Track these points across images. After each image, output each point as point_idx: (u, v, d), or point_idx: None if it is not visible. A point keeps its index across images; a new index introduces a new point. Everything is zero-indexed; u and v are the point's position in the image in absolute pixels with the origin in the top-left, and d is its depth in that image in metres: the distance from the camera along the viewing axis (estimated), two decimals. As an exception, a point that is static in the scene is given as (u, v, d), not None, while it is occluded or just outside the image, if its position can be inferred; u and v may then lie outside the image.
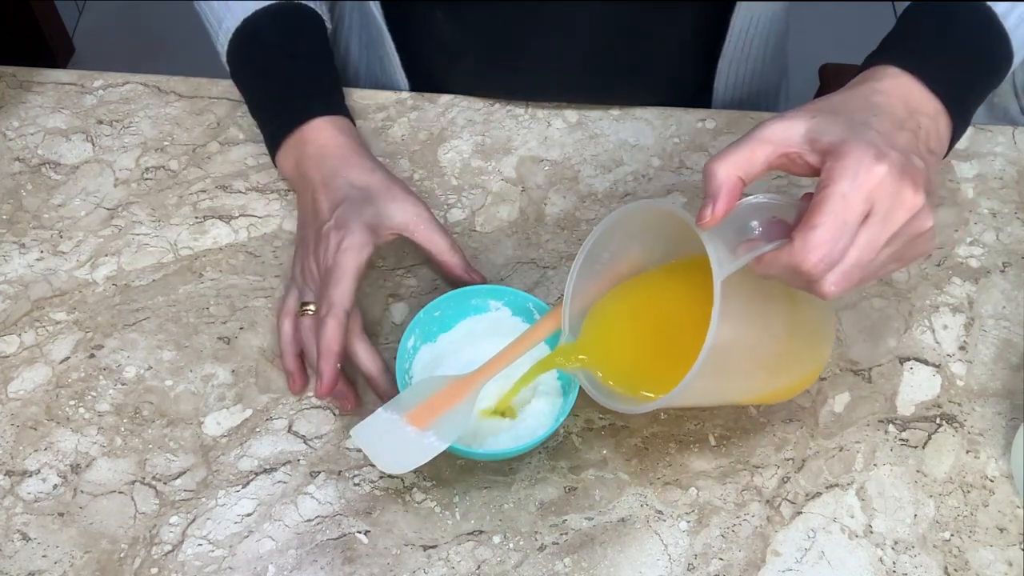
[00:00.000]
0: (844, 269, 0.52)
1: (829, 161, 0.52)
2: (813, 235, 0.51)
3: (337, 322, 0.64)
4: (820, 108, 0.55)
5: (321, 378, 0.64)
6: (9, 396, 0.69)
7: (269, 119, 0.76)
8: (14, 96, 0.84)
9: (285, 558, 0.63)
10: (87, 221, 0.77)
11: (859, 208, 0.51)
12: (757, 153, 0.53)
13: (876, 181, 0.51)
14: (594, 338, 0.62)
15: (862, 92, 0.56)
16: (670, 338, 0.61)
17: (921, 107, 0.57)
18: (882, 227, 0.52)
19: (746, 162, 0.53)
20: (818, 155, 0.53)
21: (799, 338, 0.62)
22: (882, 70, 0.58)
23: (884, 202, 0.51)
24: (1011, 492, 0.66)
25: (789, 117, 0.54)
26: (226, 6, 0.77)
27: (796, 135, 0.53)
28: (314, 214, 0.70)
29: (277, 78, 0.76)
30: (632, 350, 0.62)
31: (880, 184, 0.51)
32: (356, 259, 0.66)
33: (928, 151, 0.56)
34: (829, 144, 0.52)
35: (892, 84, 0.57)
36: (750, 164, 0.53)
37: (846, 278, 0.52)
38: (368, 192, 0.69)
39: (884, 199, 0.51)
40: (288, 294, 0.70)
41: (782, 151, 0.54)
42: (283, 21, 0.77)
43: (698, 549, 0.63)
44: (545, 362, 0.63)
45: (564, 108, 0.85)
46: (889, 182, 0.51)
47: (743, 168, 0.53)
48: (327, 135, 0.72)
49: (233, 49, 0.77)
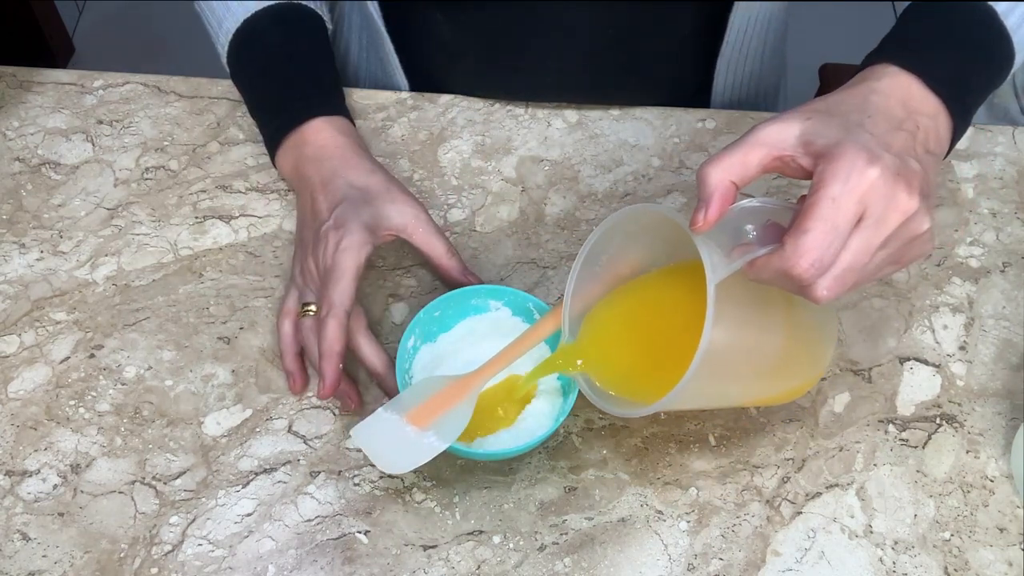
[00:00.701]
0: (836, 274, 0.51)
1: (821, 164, 0.52)
2: (804, 240, 0.50)
3: (337, 322, 0.64)
4: (816, 109, 0.54)
5: (324, 379, 0.64)
6: (9, 396, 0.69)
7: (268, 119, 0.76)
8: (14, 96, 0.84)
9: (285, 558, 0.63)
10: (87, 221, 0.77)
11: (851, 212, 0.50)
12: (750, 156, 0.53)
13: (868, 184, 0.50)
14: (591, 341, 0.62)
15: (860, 92, 0.56)
16: (667, 341, 0.61)
17: (920, 107, 0.56)
18: (875, 230, 0.51)
19: (739, 166, 0.53)
20: (811, 158, 0.53)
21: (798, 341, 0.62)
22: (881, 69, 0.57)
23: (877, 205, 0.51)
24: (1011, 492, 0.66)
25: (784, 119, 0.54)
26: (226, 7, 0.77)
27: (790, 138, 0.53)
28: (313, 214, 0.70)
29: (277, 78, 0.76)
30: (629, 353, 0.62)
31: (872, 187, 0.50)
32: (355, 258, 0.66)
33: (926, 152, 0.55)
34: (822, 147, 0.52)
35: (891, 83, 0.56)
36: (743, 168, 0.53)
37: (838, 283, 0.52)
38: (367, 193, 0.69)
39: (877, 202, 0.51)
40: (288, 294, 0.70)
41: (776, 154, 0.53)
42: (283, 22, 0.77)
43: (698, 549, 0.63)
44: (543, 366, 0.63)
45: (564, 108, 0.85)
46: (882, 185, 0.50)
47: (736, 172, 0.53)
48: (326, 136, 0.72)
49: (233, 50, 0.77)
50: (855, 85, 0.57)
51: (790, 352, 0.61)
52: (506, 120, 0.84)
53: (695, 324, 0.52)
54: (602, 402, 0.60)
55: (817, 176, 0.52)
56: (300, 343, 0.69)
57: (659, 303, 0.63)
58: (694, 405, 0.65)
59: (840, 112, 0.54)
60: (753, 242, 0.54)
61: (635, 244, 0.62)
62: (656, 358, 0.61)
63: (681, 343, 0.55)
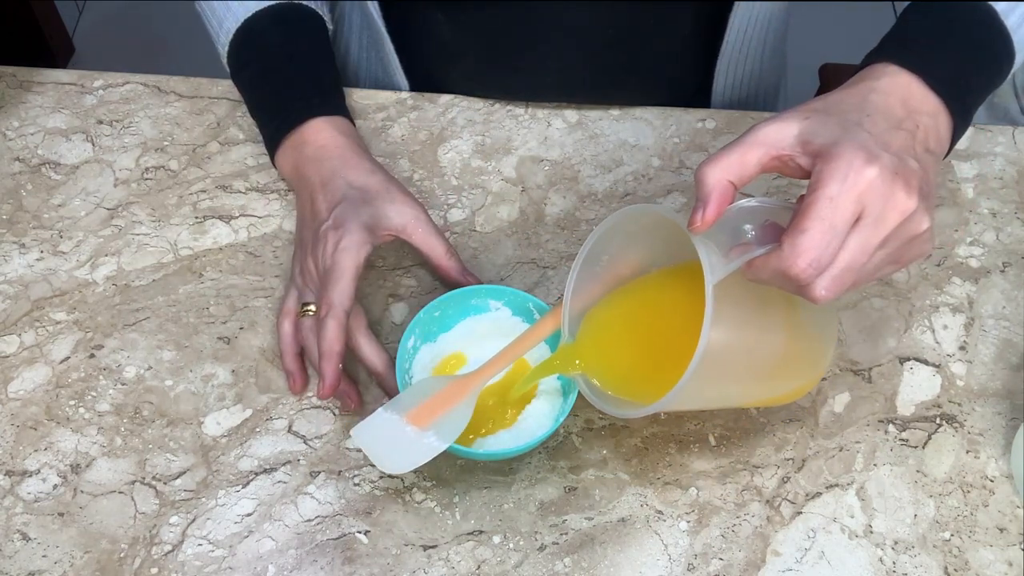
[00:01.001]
0: (834, 273, 0.51)
1: (819, 164, 0.52)
2: (801, 239, 0.50)
3: (337, 322, 0.64)
4: (814, 108, 0.54)
5: (324, 379, 0.64)
6: (9, 396, 0.69)
7: (268, 119, 0.76)
8: (14, 96, 0.84)
9: (285, 558, 0.63)
10: (87, 221, 0.77)
11: (849, 211, 0.50)
12: (749, 156, 0.53)
13: (866, 183, 0.50)
14: (590, 342, 0.62)
15: (859, 91, 0.56)
16: (667, 342, 0.61)
17: (920, 106, 0.56)
18: (874, 230, 0.51)
19: (737, 165, 0.53)
20: (809, 157, 0.53)
21: (799, 342, 0.62)
22: (881, 68, 0.57)
23: (875, 205, 0.50)
24: (1011, 492, 0.66)
25: (783, 119, 0.54)
26: (226, 7, 0.77)
27: (788, 137, 0.53)
28: (312, 214, 0.70)
29: (277, 79, 0.76)
30: (628, 355, 0.62)
31: (870, 187, 0.50)
32: (354, 259, 0.66)
33: (926, 151, 0.55)
34: (820, 146, 0.52)
35: (890, 83, 0.56)
36: (742, 167, 0.53)
37: (837, 282, 0.51)
38: (366, 193, 0.69)
39: (875, 202, 0.50)
40: (288, 295, 0.70)
41: (774, 154, 0.53)
42: (283, 22, 0.77)
43: (698, 549, 0.63)
44: (542, 367, 0.63)
45: (564, 108, 0.85)
46: (880, 184, 0.50)
47: (734, 172, 0.53)
48: (326, 136, 0.72)
49: (233, 50, 0.77)
50: (854, 84, 0.57)
51: (790, 353, 0.61)
52: (506, 120, 0.84)
53: (694, 325, 0.52)
54: (601, 402, 0.60)
55: (815, 176, 0.52)
56: (300, 343, 0.69)
57: (658, 304, 0.63)
58: (694, 406, 0.65)
59: (839, 111, 0.54)
60: (751, 242, 0.54)
61: (635, 244, 0.62)
62: (655, 359, 0.61)
63: (680, 344, 0.55)
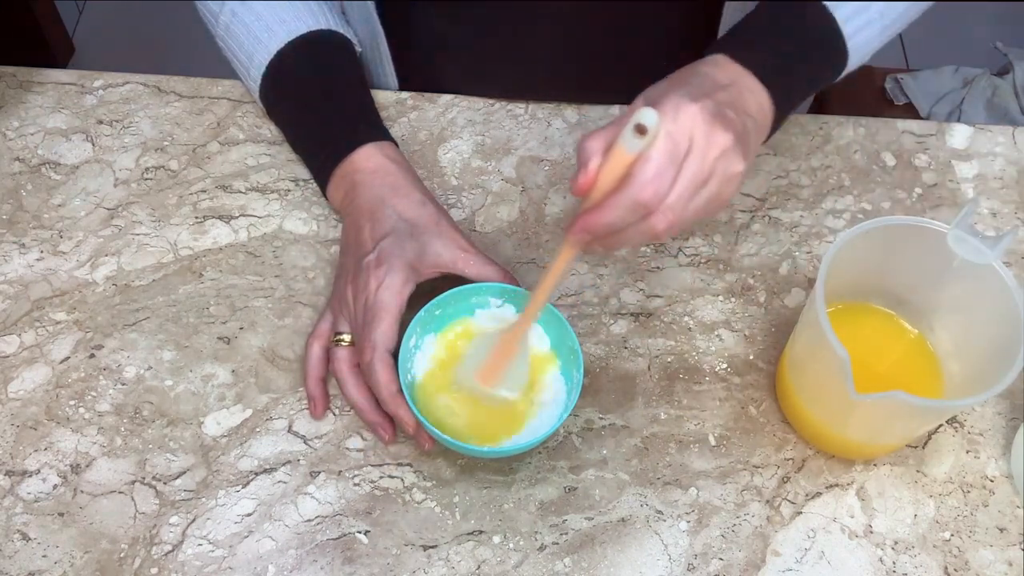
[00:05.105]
0: (670, 202, 0.56)
1: (656, 108, 0.57)
2: (648, 167, 0.55)
3: (384, 364, 0.64)
4: (656, 83, 0.61)
5: (401, 422, 0.64)
6: (9, 396, 0.69)
7: (316, 152, 0.76)
8: (14, 96, 0.84)
9: (285, 558, 0.63)
10: (87, 221, 0.77)
11: (683, 145, 0.56)
12: (613, 126, 0.58)
13: (691, 118, 0.56)
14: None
15: (692, 67, 0.63)
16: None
17: (743, 82, 0.62)
18: (700, 163, 0.57)
19: (611, 134, 0.58)
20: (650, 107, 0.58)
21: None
22: (712, 57, 0.64)
23: (700, 139, 0.57)
24: (1011, 492, 0.66)
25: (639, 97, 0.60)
26: (255, 39, 0.77)
27: (638, 101, 0.59)
28: (357, 243, 0.69)
29: (319, 111, 0.76)
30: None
31: (695, 122, 0.56)
32: (397, 298, 0.66)
33: (746, 114, 0.61)
34: (655, 97, 0.58)
35: (719, 64, 0.63)
36: (611, 134, 0.58)
37: (675, 213, 0.56)
38: (415, 227, 0.69)
39: (700, 137, 0.57)
40: (322, 318, 0.70)
41: (631, 114, 0.57)
42: (315, 54, 0.77)
43: (698, 549, 0.63)
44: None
45: (564, 108, 0.85)
46: (702, 121, 0.57)
47: (609, 139, 0.57)
48: (376, 162, 0.72)
49: (267, 83, 0.77)
50: (690, 66, 0.63)
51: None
52: (506, 120, 0.84)
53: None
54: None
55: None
56: (328, 370, 0.69)
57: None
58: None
59: (673, 80, 0.61)
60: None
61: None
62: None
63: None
